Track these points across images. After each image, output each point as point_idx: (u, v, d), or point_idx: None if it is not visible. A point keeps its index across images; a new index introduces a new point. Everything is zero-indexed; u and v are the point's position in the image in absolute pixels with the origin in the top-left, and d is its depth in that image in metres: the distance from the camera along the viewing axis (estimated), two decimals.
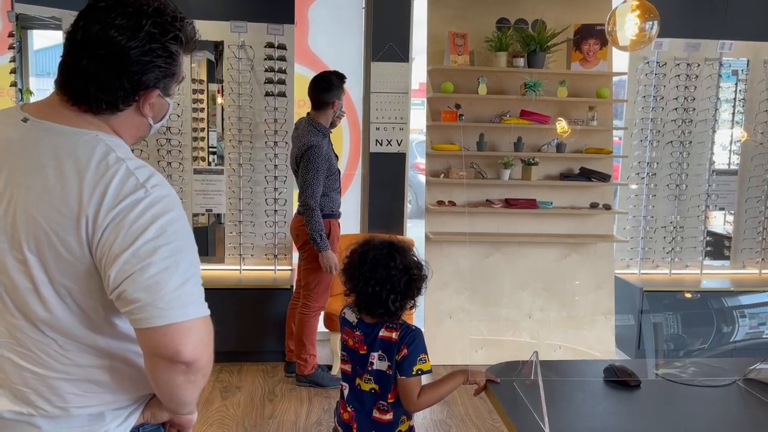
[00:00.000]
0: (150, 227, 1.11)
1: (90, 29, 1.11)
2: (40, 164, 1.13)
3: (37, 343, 1.19)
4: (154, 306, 1.11)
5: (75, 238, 1.12)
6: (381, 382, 1.84)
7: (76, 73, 1.14)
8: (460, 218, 4.32)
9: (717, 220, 4.95)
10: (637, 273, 4.61)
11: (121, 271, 1.10)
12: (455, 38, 4.19)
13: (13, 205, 1.13)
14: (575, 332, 4.38)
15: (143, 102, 1.19)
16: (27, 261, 1.13)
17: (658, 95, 4.50)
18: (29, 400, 1.21)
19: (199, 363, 1.16)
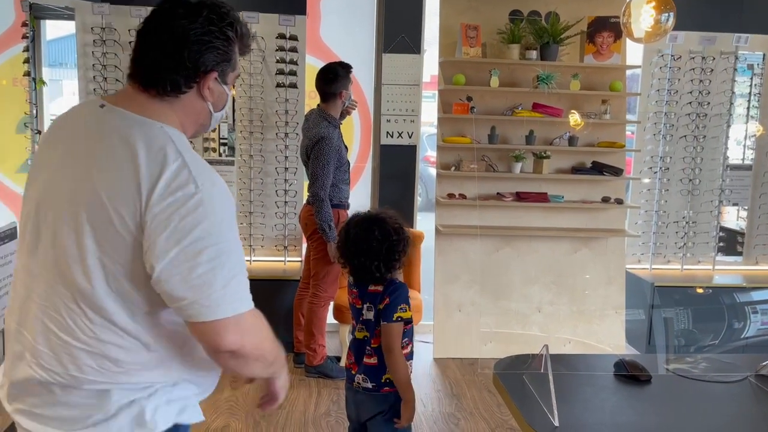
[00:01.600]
0: (198, 226, 1.18)
1: (155, 21, 1.26)
2: (108, 145, 1.23)
3: (69, 311, 1.25)
4: (200, 304, 1.19)
5: (131, 218, 1.19)
6: (369, 331, 2.08)
7: (144, 61, 1.27)
8: (470, 211, 4.31)
9: (730, 216, 4.91)
10: (648, 268, 4.59)
11: (167, 267, 1.17)
12: (467, 30, 4.16)
13: (80, 178, 1.23)
14: (585, 327, 4.37)
15: (203, 84, 1.28)
16: (82, 230, 1.21)
17: (672, 89, 4.46)
18: (50, 364, 1.27)
19: (242, 350, 1.25)
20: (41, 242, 1.28)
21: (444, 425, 3.36)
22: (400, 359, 2.03)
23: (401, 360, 2.04)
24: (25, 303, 1.32)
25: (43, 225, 1.28)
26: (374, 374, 2.07)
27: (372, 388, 2.06)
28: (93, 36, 4.12)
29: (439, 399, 3.67)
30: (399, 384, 2.05)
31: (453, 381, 3.91)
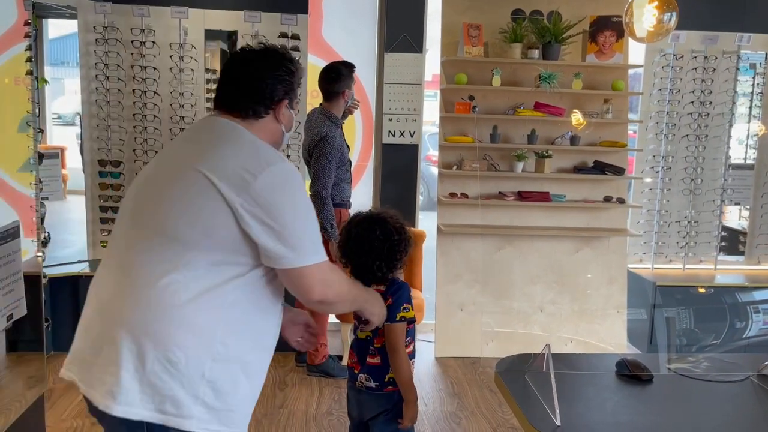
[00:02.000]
0: (288, 192, 1.51)
1: (241, 71, 1.64)
2: (219, 135, 1.59)
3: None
4: (294, 254, 1.50)
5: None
6: (372, 330, 2.05)
7: (231, 94, 1.63)
8: (472, 210, 4.31)
9: (732, 215, 4.90)
10: (650, 267, 4.58)
11: (264, 228, 1.47)
12: (469, 29, 4.16)
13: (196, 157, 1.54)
14: (587, 326, 4.37)
15: (278, 110, 1.65)
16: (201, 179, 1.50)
17: (674, 88, 4.46)
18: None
19: (327, 300, 1.60)
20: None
21: (445, 424, 3.36)
22: (404, 359, 2.03)
23: (405, 360, 2.04)
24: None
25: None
26: (377, 374, 2.06)
27: (375, 388, 2.06)
28: (95, 35, 4.12)
29: (440, 398, 3.67)
30: (402, 384, 2.04)
31: (454, 380, 3.91)
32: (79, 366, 1.54)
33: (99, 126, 4.21)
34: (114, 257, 1.59)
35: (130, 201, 1.62)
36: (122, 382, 1.44)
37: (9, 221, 2.52)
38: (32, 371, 2.59)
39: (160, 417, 1.45)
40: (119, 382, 1.44)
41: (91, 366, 1.50)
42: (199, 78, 4.24)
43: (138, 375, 1.44)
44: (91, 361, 1.50)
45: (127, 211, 1.61)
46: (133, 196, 1.62)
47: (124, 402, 1.44)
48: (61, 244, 5.53)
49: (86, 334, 1.55)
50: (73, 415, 3.29)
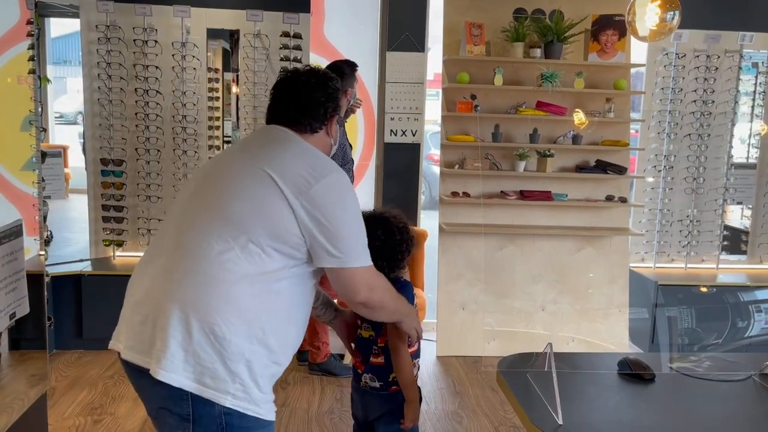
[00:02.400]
0: (342, 198, 1.65)
1: (298, 92, 1.80)
2: (283, 142, 1.74)
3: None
4: (343, 256, 1.62)
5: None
6: (375, 330, 2.06)
7: (291, 112, 1.78)
8: (474, 209, 4.31)
9: (734, 215, 4.90)
10: (652, 267, 4.58)
11: (319, 228, 1.60)
12: (471, 28, 4.16)
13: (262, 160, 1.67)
14: (588, 325, 4.36)
15: (330, 125, 1.82)
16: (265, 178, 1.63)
17: (677, 87, 4.45)
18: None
19: (370, 303, 1.72)
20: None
21: (447, 423, 3.36)
22: (406, 359, 2.03)
23: (407, 360, 2.03)
24: None
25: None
26: (382, 373, 2.05)
27: (379, 388, 2.06)
28: (98, 34, 4.12)
29: (442, 397, 3.67)
30: (404, 384, 2.04)
31: (456, 379, 3.91)
32: (126, 335, 1.62)
33: (101, 125, 4.21)
34: (165, 246, 1.66)
35: (187, 195, 1.73)
36: (169, 348, 1.51)
37: (12, 220, 2.53)
38: (35, 369, 2.59)
39: (197, 387, 1.53)
40: (166, 348, 1.51)
41: (139, 334, 1.58)
42: (201, 77, 4.25)
43: (184, 344, 1.52)
44: (140, 330, 1.58)
45: (185, 202, 1.72)
46: (191, 191, 1.73)
47: (169, 368, 1.51)
48: (64, 243, 5.54)
49: (136, 308, 1.62)
50: (75, 413, 3.30)
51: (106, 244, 4.35)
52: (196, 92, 4.25)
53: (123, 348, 1.62)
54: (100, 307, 4.03)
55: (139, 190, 4.30)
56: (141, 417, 3.27)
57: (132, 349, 1.59)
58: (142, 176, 4.28)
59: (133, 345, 1.59)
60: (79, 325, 4.06)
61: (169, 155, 4.28)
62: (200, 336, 1.52)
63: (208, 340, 1.52)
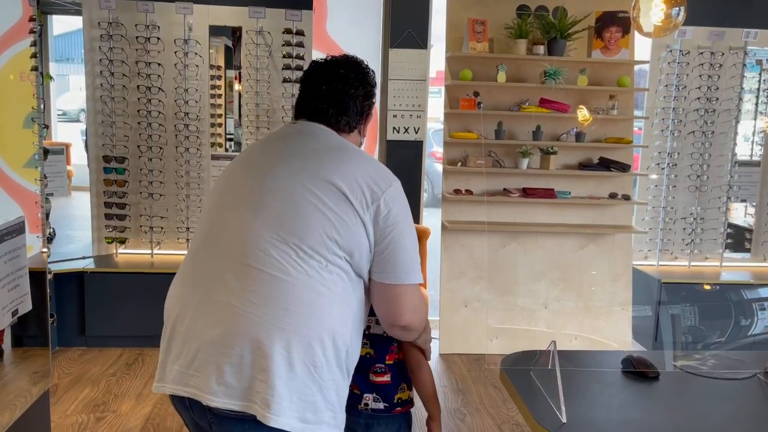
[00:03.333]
0: (405, 211, 1.55)
1: (336, 88, 1.66)
2: (336, 147, 1.60)
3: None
4: (399, 271, 1.53)
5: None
6: (377, 347, 1.88)
7: (328, 114, 1.65)
8: (476, 207, 4.30)
9: (738, 212, 4.88)
10: (655, 264, 4.57)
11: (384, 241, 1.52)
12: (475, 25, 4.15)
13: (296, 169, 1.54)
14: (591, 323, 4.36)
15: (365, 124, 1.74)
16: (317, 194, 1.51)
17: (681, 84, 4.43)
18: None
19: (411, 326, 1.62)
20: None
21: (450, 421, 3.36)
22: (429, 373, 1.92)
23: (430, 373, 1.91)
24: None
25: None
26: (387, 393, 1.90)
27: (384, 409, 1.90)
28: (100, 31, 4.12)
29: (445, 395, 3.67)
30: (427, 398, 1.92)
31: (459, 377, 3.91)
32: (205, 378, 1.42)
33: (104, 122, 4.21)
34: (221, 275, 1.48)
35: (231, 212, 1.54)
36: (276, 390, 1.38)
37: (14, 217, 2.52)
38: (37, 367, 2.59)
39: (302, 426, 1.42)
40: (273, 390, 1.38)
41: (230, 376, 1.40)
42: (203, 74, 4.24)
43: (289, 382, 1.40)
44: (230, 371, 1.41)
45: (233, 221, 1.51)
46: (240, 208, 1.52)
47: (279, 412, 1.38)
48: (66, 240, 5.54)
49: (213, 348, 1.43)
50: (78, 410, 3.30)
51: (108, 241, 4.35)
52: (199, 89, 4.24)
53: (205, 395, 1.41)
54: (102, 305, 4.03)
55: (142, 188, 4.30)
56: (143, 414, 3.27)
57: (221, 394, 1.40)
58: (144, 173, 4.28)
59: (223, 390, 1.40)
60: (82, 322, 4.06)
61: (171, 152, 4.28)
62: (302, 371, 1.41)
63: (309, 373, 1.42)
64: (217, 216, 1.57)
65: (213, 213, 1.59)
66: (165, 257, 4.32)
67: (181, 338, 1.47)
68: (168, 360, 1.49)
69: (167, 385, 1.47)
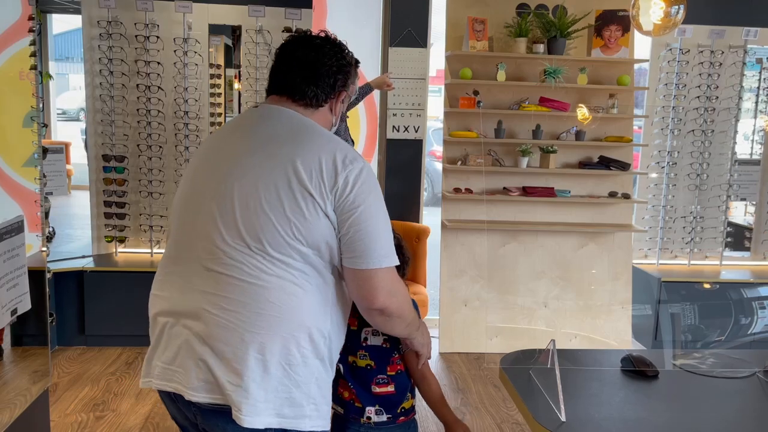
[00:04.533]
0: (371, 192, 1.48)
1: (308, 55, 1.60)
2: (295, 131, 1.53)
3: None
4: (368, 255, 1.46)
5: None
6: (377, 358, 1.84)
7: (294, 78, 1.59)
8: (476, 206, 4.30)
9: (738, 211, 4.88)
10: (655, 263, 4.57)
11: (351, 223, 1.45)
12: (474, 23, 4.14)
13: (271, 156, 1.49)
14: (591, 322, 4.36)
15: (336, 101, 1.64)
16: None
17: (681, 83, 4.43)
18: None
19: (388, 310, 1.52)
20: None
21: None
22: (436, 382, 1.91)
23: (437, 383, 1.91)
24: None
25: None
26: (391, 404, 1.86)
27: (388, 421, 1.87)
28: (99, 30, 4.12)
29: (445, 394, 3.66)
30: (439, 406, 1.93)
31: (459, 375, 3.91)
32: (185, 375, 1.46)
33: (103, 121, 4.21)
34: (192, 270, 1.50)
35: (199, 202, 1.52)
36: (250, 392, 1.41)
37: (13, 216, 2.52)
38: (37, 366, 2.59)
39: (279, 421, 1.44)
40: (247, 393, 1.41)
41: (206, 373, 1.44)
42: (203, 73, 4.24)
43: (264, 383, 1.42)
44: (205, 368, 1.44)
45: (203, 214, 1.50)
46: (208, 199, 1.50)
47: (253, 412, 1.41)
48: (66, 239, 5.54)
49: (190, 345, 1.47)
50: (77, 409, 3.30)
51: (108, 240, 4.35)
52: (198, 88, 4.24)
53: (187, 390, 1.45)
54: (102, 304, 4.03)
55: (141, 187, 4.30)
56: (143, 413, 3.27)
57: (201, 389, 1.45)
58: (144, 172, 4.28)
59: (203, 385, 1.44)
60: (82, 321, 4.06)
61: (171, 151, 4.28)
62: (277, 371, 1.43)
63: (285, 372, 1.44)
64: (185, 221, 1.55)
65: (182, 217, 1.57)
66: None
67: (165, 337, 1.52)
68: (153, 356, 1.55)
69: (153, 380, 1.53)
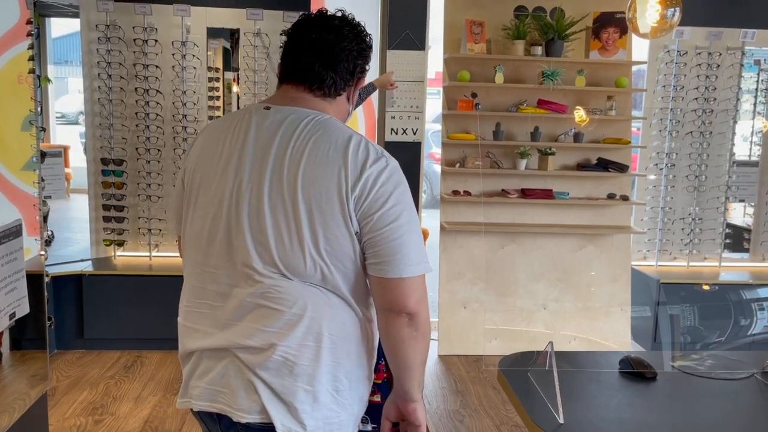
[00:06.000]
0: (394, 192, 1.33)
1: (326, 38, 1.41)
2: (304, 137, 1.35)
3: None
4: (397, 261, 1.32)
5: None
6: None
7: (314, 68, 1.41)
8: (475, 208, 4.30)
9: (737, 212, 4.88)
10: (654, 265, 4.57)
11: (373, 228, 1.32)
12: (472, 26, 4.15)
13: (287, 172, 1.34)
14: (590, 324, 4.35)
15: (354, 88, 1.48)
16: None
17: (678, 85, 4.44)
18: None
19: (419, 316, 1.36)
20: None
21: (449, 422, 3.35)
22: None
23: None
24: None
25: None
26: (377, 414, 1.80)
27: (372, 430, 1.84)
28: (98, 33, 4.12)
29: (443, 396, 3.66)
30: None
31: (458, 378, 3.90)
32: (230, 391, 1.37)
33: (101, 125, 4.21)
34: (222, 292, 1.39)
35: (214, 220, 1.38)
36: (302, 414, 1.35)
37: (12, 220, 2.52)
38: (35, 370, 2.59)
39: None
40: (301, 414, 1.35)
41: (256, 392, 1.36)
42: (201, 76, 4.24)
43: (314, 412, 1.37)
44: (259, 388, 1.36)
45: (221, 229, 1.37)
46: (223, 217, 1.37)
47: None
48: (65, 243, 5.54)
49: (219, 360, 1.39)
50: (76, 413, 3.30)
51: (107, 243, 4.35)
52: (197, 91, 4.24)
53: (235, 411, 1.37)
54: (101, 307, 4.03)
55: (140, 190, 4.30)
56: (142, 417, 3.27)
57: (252, 410, 1.37)
58: (142, 176, 4.28)
59: (252, 406, 1.37)
60: (80, 325, 4.06)
61: (169, 155, 4.28)
62: (327, 397, 1.38)
63: (334, 398, 1.39)
64: (210, 241, 1.40)
65: (204, 236, 1.41)
66: (163, 260, 4.32)
67: (207, 355, 1.41)
68: (193, 376, 1.43)
69: (192, 401, 1.42)
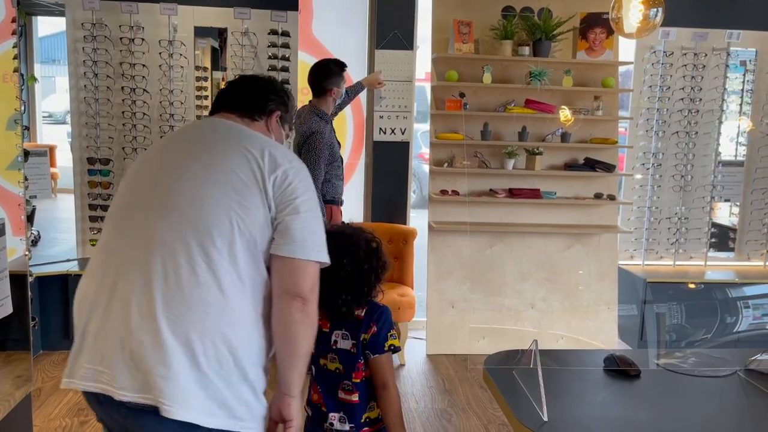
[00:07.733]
0: (307, 190, 1.60)
1: (244, 79, 1.85)
2: (232, 142, 1.63)
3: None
4: (302, 244, 1.53)
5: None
6: (345, 362, 1.80)
7: (233, 95, 1.79)
8: (463, 207, 4.31)
9: (722, 212, 4.92)
10: (640, 264, 4.60)
11: (289, 211, 1.54)
12: (460, 26, 4.16)
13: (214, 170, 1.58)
14: (578, 323, 4.37)
15: (270, 119, 1.79)
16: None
17: (665, 85, 4.47)
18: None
19: (312, 303, 1.53)
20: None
21: (436, 421, 3.36)
22: (395, 394, 1.80)
23: (397, 395, 1.81)
24: None
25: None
26: (354, 413, 1.80)
27: (350, 430, 1.80)
28: (84, 32, 4.09)
29: (431, 395, 3.67)
30: (393, 423, 1.79)
31: (446, 377, 3.91)
32: (120, 370, 1.45)
33: (88, 124, 4.18)
34: (134, 270, 1.50)
35: (148, 198, 1.62)
36: (181, 384, 1.42)
37: None
38: (19, 371, 2.57)
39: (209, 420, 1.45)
40: (179, 385, 1.42)
41: (144, 371, 1.43)
42: (188, 75, 4.22)
43: (197, 379, 1.43)
44: (145, 367, 1.43)
45: (147, 208, 1.59)
46: (148, 205, 1.60)
47: (184, 406, 1.42)
48: (52, 243, 5.50)
49: (112, 335, 1.47)
50: (61, 414, 3.27)
51: (93, 243, 4.32)
52: (184, 91, 4.22)
53: (116, 390, 1.44)
54: None
55: None
56: None
57: (129, 389, 1.44)
58: None
59: (130, 384, 1.44)
60: (66, 325, 4.02)
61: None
62: (208, 367, 1.46)
63: (214, 370, 1.46)
64: (127, 219, 1.65)
65: (123, 215, 1.68)
66: None
67: (92, 336, 1.50)
68: (79, 357, 1.51)
69: (75, 380, 1.50)
